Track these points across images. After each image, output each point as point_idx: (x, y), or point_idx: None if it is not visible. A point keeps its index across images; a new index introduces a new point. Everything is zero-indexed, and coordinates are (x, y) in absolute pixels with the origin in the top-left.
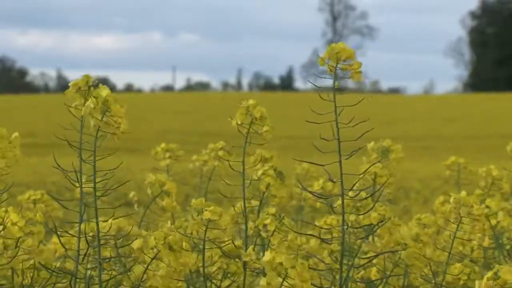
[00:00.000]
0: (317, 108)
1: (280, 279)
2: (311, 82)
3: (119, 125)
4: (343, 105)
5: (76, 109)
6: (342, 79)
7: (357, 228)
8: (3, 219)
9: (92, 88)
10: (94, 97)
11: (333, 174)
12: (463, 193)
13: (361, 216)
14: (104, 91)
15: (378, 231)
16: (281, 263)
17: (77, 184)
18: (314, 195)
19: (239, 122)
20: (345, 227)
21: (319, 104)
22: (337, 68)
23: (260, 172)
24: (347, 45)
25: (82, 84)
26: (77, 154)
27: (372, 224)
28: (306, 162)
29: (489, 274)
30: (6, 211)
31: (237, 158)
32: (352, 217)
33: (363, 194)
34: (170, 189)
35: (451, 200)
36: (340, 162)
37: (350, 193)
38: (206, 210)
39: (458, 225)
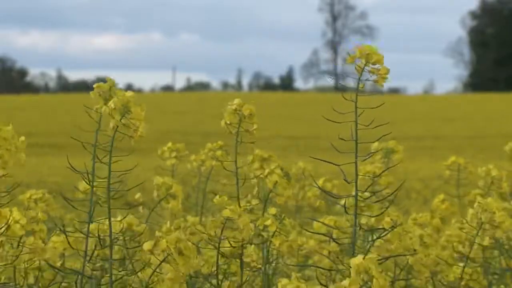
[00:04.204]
0: (318, 108)
1: (360, 284)
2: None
3: (137, 128)
4: (346, 105)
5: (97, 112)
6: (342, 79)
7: (368, 231)
8: (7, 218)
9: (114, 91)
10: (115, 98)
11: (334, 174)
12: (490, 199)
13: (372, 219)
14: (127, 93)
15: (388, 236)
16: (367, 270)
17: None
18: (330, 195)
19: (228, 122)
20: (357, 228)
21: (319, 104)
22: (365, 70)
23: (267, 171)
24: (378, 49)
25: (107, 87)
26: (81, 155)
27: (383, 228)
28: (322, 161)
29: None
30: (10, 211)
31: (237, 158)
32: (364, 220)
33: (367, 195)
34: (177, 192)
35: (475, 205)
36: (356, 163)
37: (354, 194)
38: (226, 208)
39: (478, 231)
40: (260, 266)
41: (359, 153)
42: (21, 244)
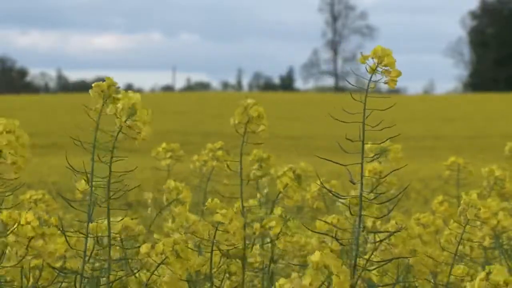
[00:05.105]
0: (318, 108)
1: (319, 282)
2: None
3: (141, 130)
4: (343, 105)
5: (95, 111)
6: (343, 80)
7: (372, 232)
8: (16, 219)
9: (113, 91)
10: (122, 99)
11: (332, 175)
12: (474, 195)
13: (378, 221)
14: (134, 95)
15: (393, 239)
16: (326, 266)
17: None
18: (336, 195)
19: (236, 121)
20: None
21: (319, 104)
22: (377, 71)
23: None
24: (391, 52)
25: (105, 86)
26: (81, 155)
27: (387, 231)
28: (328, 160)
29: (482, 274)
30: (20, 213)
31: (236, 158)
32: (370, 222)
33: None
34: (185, 198)
35: (461, 202)
36: (362, 163)
37: (354, 193)
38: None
39: (465, 227)
40: (260, 266)
41: (355, 153)
42: (29, 245)
